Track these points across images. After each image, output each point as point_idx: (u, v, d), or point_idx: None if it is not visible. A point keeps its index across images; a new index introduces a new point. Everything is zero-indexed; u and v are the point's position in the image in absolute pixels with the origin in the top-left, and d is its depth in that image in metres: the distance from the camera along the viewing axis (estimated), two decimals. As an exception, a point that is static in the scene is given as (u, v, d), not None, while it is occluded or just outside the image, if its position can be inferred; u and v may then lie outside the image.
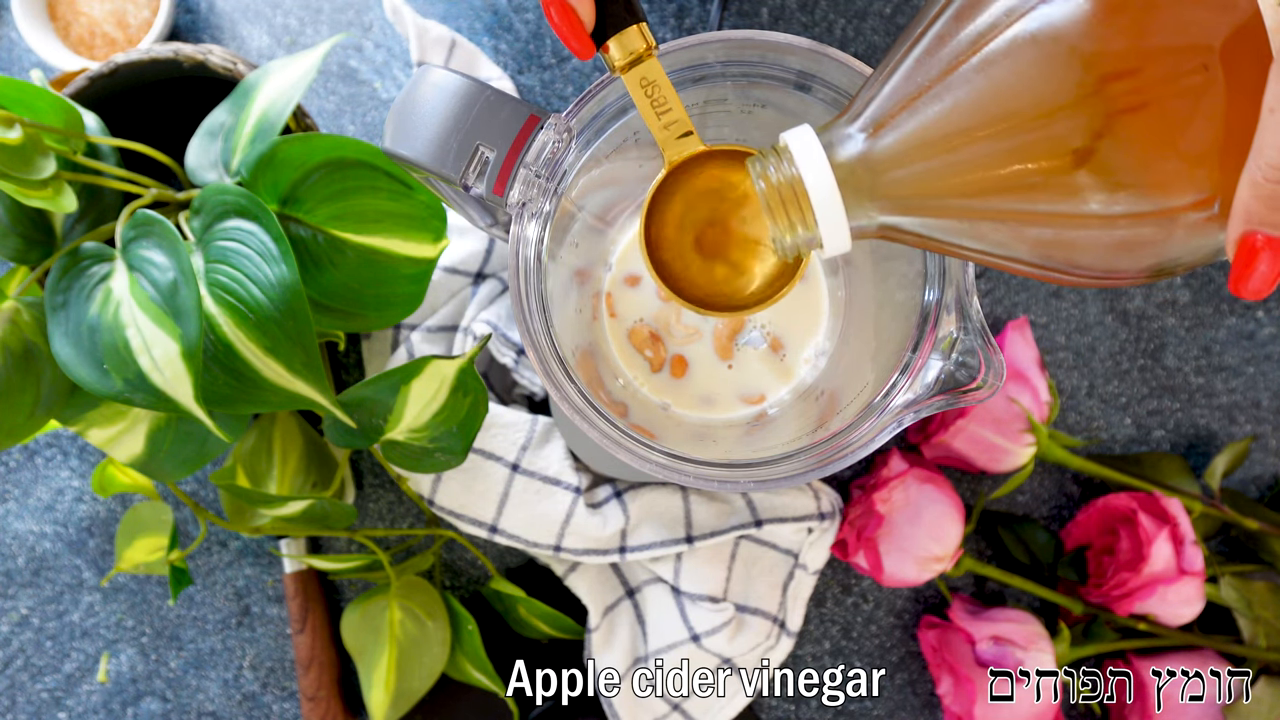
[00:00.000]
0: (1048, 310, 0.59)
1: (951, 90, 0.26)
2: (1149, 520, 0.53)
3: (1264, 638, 0.55)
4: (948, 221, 0.28)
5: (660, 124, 0.34)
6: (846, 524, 0.55)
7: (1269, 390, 0.59)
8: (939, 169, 0.27)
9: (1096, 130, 0.24)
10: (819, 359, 0.48)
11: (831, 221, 0.29)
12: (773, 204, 0.29)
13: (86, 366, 0.42)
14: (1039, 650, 0.52)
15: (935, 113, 0.26)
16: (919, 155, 0.27)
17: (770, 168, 0.29)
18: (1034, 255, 0.27)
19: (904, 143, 0.27)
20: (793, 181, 0.29)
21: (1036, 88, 0.25)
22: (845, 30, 0.60)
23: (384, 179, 0.44)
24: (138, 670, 0.59)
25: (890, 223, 0.29)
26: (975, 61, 0.26)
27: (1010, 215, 0.26)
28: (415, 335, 0.55)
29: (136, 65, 0.50)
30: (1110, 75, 0.24)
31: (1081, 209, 0.25)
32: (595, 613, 0.55)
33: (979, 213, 0.27)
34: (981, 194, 0.26)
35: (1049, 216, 0.26)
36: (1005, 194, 0.26)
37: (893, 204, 0.28)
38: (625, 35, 0.33)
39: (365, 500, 0.59)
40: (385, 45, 0.60)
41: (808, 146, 0.28)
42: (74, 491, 0.60)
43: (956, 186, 0.27)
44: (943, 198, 0.27)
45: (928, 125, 0.27)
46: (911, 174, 0.27)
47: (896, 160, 0.27)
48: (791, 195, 0.29)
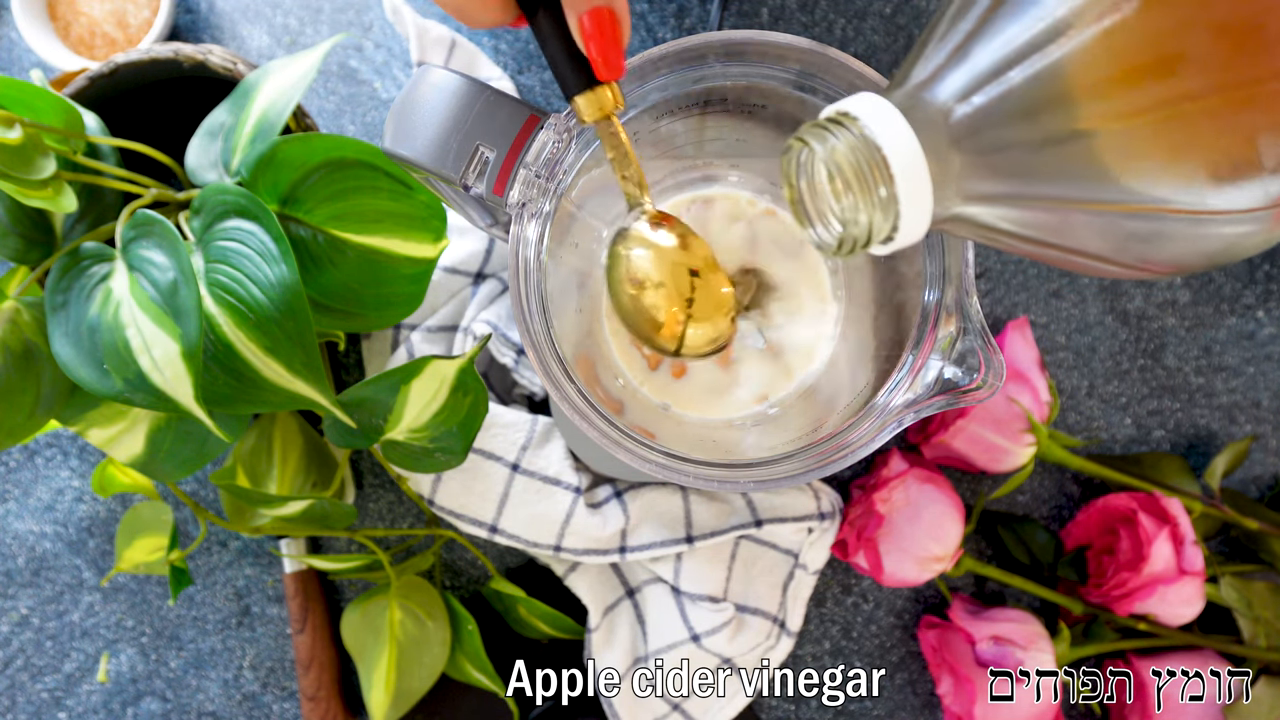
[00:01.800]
0: (1048, 310, 0.59)
1: (1067, 52, 0.21)
2: (1149, 520, 0.53)
3: (1264, 638, 0.55)
4: (1036, 214, 0.23)
5: (624, 184, 0.35)
6: (846, 524, 0.55)
7: (1269, 390, 0.59)
8: (1049, 151, 0.22)
9: (1238, 108, 0.20)
10: (819, 359, 0.48)
11: (916, 203, 0.23)
12: (843, 182, 0.24)
13: (86, 366, 0.42)
14: (1039, 650, 0.52)
15: (1048, 77, 0.21)
16: (1026, 132, 0.22)
17: (836, 141, 0.24)
18: (1111, 250, 0.23)
19: (1007, 112, 0.22)
20: (872, 155, 0.23)
21: (1181, 54, 0.20)
22: (845, 30, 0.60)
23: (384, 179, 0.44)
24: (138, 670, 0.59)
25: (963, 213, 0.24)
26: (1104, 21, 0.21)
27: (1113, 206, 0.22)
28: (415, 335, 0.55)
29: (136, 65, 0.50)
30: (1256, 48, 0.20)
31: (1194, 202, 0.22)
32: (595, 613, 0.55)
33: (1080, 203, 0.22)
34: (1093, 181, 0.22)
35: (1158, 209, 0.22)
36: (1124, 181, 0.22)
37: (980, 190, 0.23)
38: (596, 93, 0.33)
39: (365, 500, 0.59)
40: (385, 45, 0.60)
41: (884, 115, 0.23)
42: (74, 491, 0.60)
43: (1068, 170, 0.22)
44: (1046, 183, 0.22)
45: (1040, 90, 0.22)
46: (1014, 155, 0.22)
47: (996, 136, 0.22)
48: (867, 172, 0.24)
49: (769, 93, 0.38)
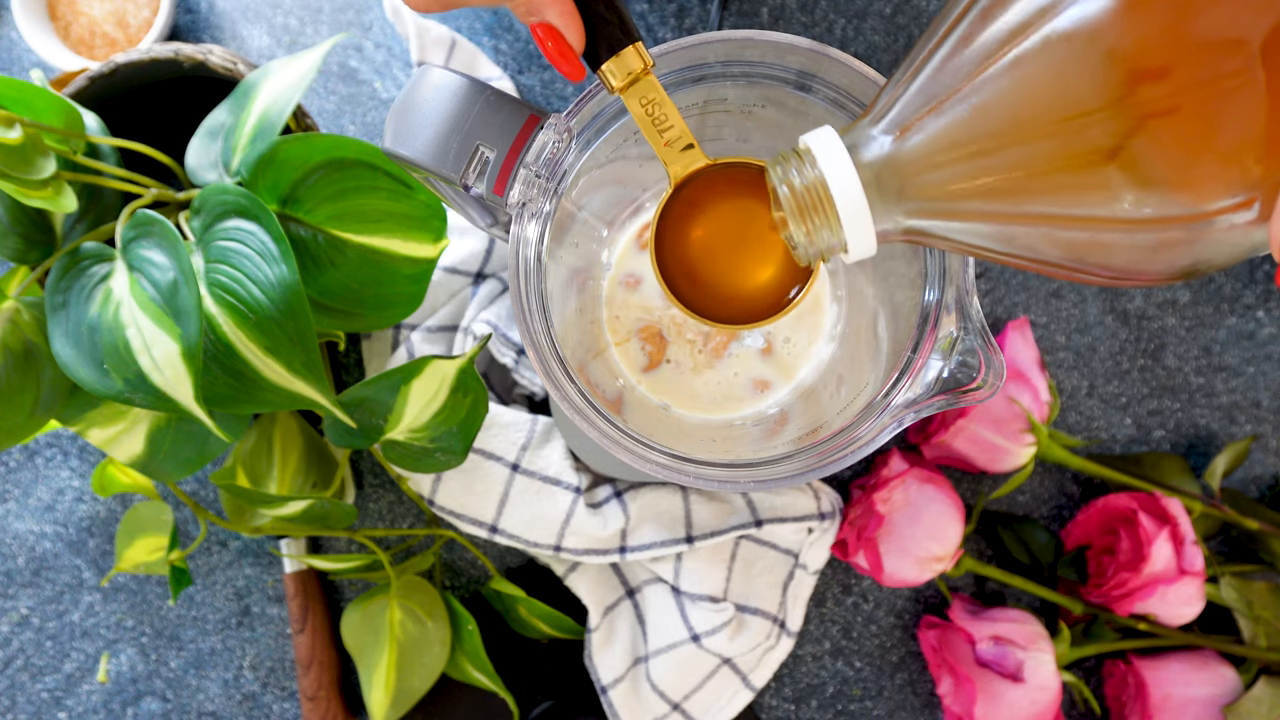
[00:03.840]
0: (1048, 310, 0.59)
1: (980, 91, 0.25)
2: (1149, 520, 0.53)
3: (1264, 638, 0.55)
4: (976, 225, 0.27)
5: (662, 141, 0.34)
6: (846, 524, 0.55)
7: (1269, 390, 0.59)
8: (968, 172, 0.26)
9: (1132, 133, 0.24)
10: (819, 359, 0.48)
11: (857, 225, 0.28)
12: (796, 208, 0.29)
13: (86, 366, 0.42)
14: (1039, 650, 0.52)
15: (964, 114, 0.26)
16: (947, 158, 0.26)
17: (792, 171, 0.29)
18: (1063, 257, 0.27)
19: (932, 145, 0.26)
20: (817, 184, 0.28)
21: (1070, 89, 0.24)
22: (845, 30, 0.60)
23: (384, 179, 0.44)
24: (138, 670, 0.59)
25: (916, 226, 0.28)
26: (1005, 62, 0.25)
27: (1041, 219, 0.26)
28: (415, 335, 0.55)
29: (136, 65, 0.50)
30: (1146, 76, 0.23)
31: (1117, 213, 0.25)
32: (595, 613, 0.55)
33: (1009, 216, 0.26)
34: (1013, 197, 0.26)
35: (1082, 220, 0.25)
36: (1037, 197, 0.25)
37: (920, 207, 0.27)
38: (623, 56, 0.33)
39: (365, 500, 0.59)
40: (385, 45, 0.60)
41: (831, 149, 0.28)
42: (74, 491, 0.60)
43: (987, 189, 0.26)
44: (972, 201, 0.26)
45: (956, 127, 0.26)
46: (940, 177, 0.27)
47: (924, 163, 0.27)
48: (816, 199, 0.28)
49: (769, 93, 0.38)
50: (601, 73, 0.33)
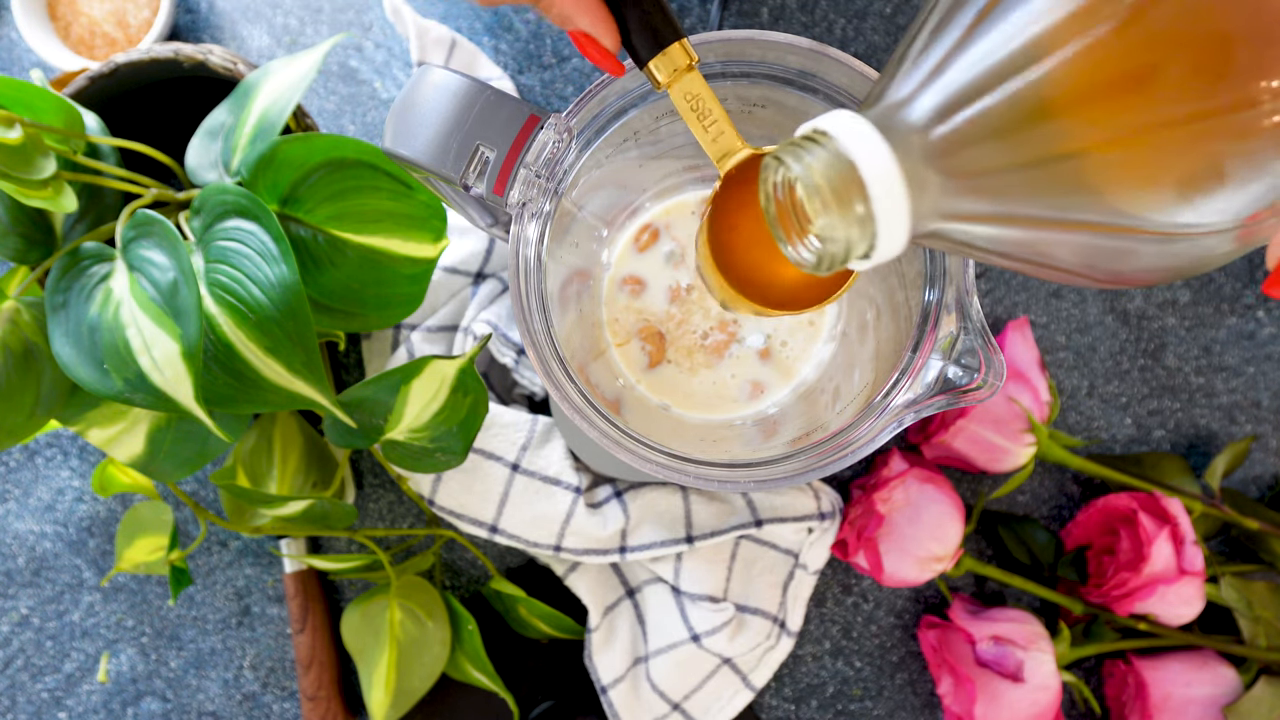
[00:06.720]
0: (1048, 310, 0.59)
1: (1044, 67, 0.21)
2: (1149, 520, 0.53)
3: (1264, 638, 0.55)
4: (1012, 231, 0.23)
5: (709, 136, 0.34)
6: (846, 524, 0.55)
7: (1269, 390, 0.59)
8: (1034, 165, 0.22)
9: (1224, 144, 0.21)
10: (819, 359, 0.48)
11: (893, 222, 0.23)
12: (820, 200, 0.23)
13: (86, 366, 0.42)
14: (1039, 650, 0.52)
15: (1026, 95, 0.21)
16: (1008, 152, 0.22)
17: (809, 158, 0.24)
18: (1080, 264, 0.23)
19: (986, 131, 0.22)
20: (843, 174, 0.23)
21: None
22: (845, 30, 0.60)
23: (384, 179, 0.44)
24: (138, 670, 0.59)
25: (944, 229, 0.24)
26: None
27: (1085, 225, 0.22)
28: (415, 335, 0.55)
29: (136, 65, 0.50)
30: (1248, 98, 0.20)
31: (1176, 223, 0.22)
32: (595, 613, 0.55)
33: (1057, 223, 0.22)
34: (1078, 199, 0.22)
35: (1129, 229, 0.22)
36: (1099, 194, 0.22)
37: (960, 206, 0.23)
38: (668, 53, 0.33)
39: (365, 500, 0.59)
40: (385, 45, 0.60)
41: (861, 134, 0.23)
42: (74, 491, 0.60)
43: (1048, 190, 0.22)
44: (1023, 202, 0.22)
45: (1020, 110, 0.21)
46: (995, 174, 0.22)
47: (978, 158, 0.22)
48: (842, 190, 0.23)
49: (769, 93, 0.38)
50: (647, 69, 0.33)
